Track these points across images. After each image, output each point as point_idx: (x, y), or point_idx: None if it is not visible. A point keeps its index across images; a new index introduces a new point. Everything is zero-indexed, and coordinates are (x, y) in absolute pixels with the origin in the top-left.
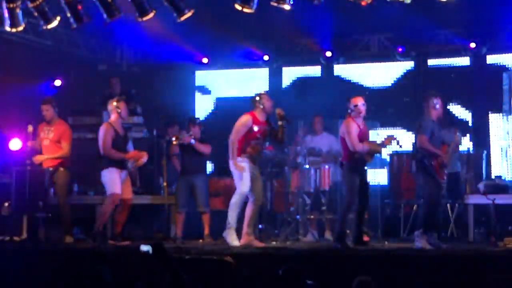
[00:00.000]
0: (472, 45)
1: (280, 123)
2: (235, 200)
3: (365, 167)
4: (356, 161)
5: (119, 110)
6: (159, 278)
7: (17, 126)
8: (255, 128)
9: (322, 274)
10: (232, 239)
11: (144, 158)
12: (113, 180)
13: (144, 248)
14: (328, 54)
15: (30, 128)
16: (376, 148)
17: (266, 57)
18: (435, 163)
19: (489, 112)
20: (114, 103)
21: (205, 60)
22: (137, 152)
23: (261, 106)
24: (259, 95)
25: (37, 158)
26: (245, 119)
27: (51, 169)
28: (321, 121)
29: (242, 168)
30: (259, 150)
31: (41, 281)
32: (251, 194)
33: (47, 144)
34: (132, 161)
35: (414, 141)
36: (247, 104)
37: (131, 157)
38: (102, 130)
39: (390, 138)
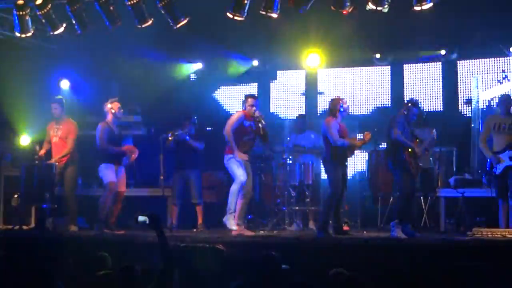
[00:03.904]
0: (442, 52)
1: (260, 125)
2: (235, 187)
3: (346, 162)
4: (338, 156)
5: (113, 111)
6: (154, 264)
7: (26, 124)
8: (246, 124)
9: (306, 261)
10: (231, 224)
11: (135, 153)
12: (108, 172)
13: (141, 218)
14: (315, 58)
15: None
16: (355, 143)
17: (255, 62)
18: (407, 155)
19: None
20: (109, 105)
21: (199, 65)
22: (131, 146)
23: (244, 108)
24: (246, 98)
25: (50, 162)
26: (237, 115)
27: (62, 165)
28: (304, 120)
29: (230, 167)
30: (251, 145)
31: (47, 267)
32: (242, 188)
33: (57, 141)
34: (127, 156)
35: (388, 136)
36: None
37: (126, 149)
38: (98, 129)
39: (368, 134)
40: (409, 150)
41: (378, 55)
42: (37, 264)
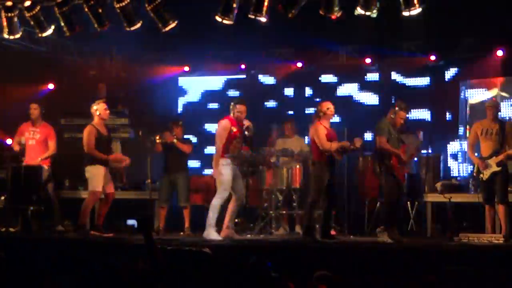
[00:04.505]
0: (432, 57)
1: (246, 133)
2: (216, 203)
3: (334, 167)
4: (326, 160)
5: (98, 113)
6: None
7: (14, 126)
8: (234, 129)
9: (292, 265)
10: (214, 235)
11: (125, 163)
12: (96, 177)
13: (130, 222)
14: (299, 64)
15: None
16: (345, 147)
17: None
18: (394, 161)
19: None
20: (94, 107)
21: (186, 68)
22: (120, 155)
23: (232, 113)
24: (234, 102)
25: (35, 162)
26: (224, 124)
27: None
28: (292, 125)
29: (220, 175)
30: (240, 147)
31: (34, 268)
32: (234, 192)
33: (33, 144)
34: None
35: (374, 143)
36: None
37: (113, 160)
38: (85, 131)
39: (358, 140)
40: (396, 156)
41: (368, 60)
42: (24, 266)
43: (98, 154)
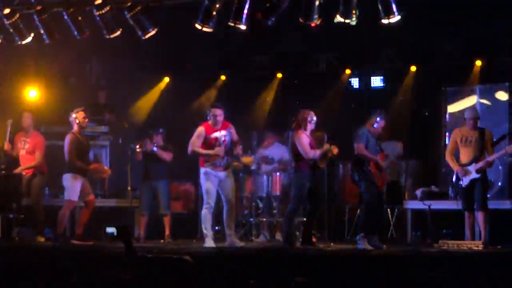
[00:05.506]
0: (413, 68)
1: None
2: (204, 213)
3: (316, 175)
4: (308, 168)
5: (77, 121)
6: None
7: None
8: (213, 135)
9: (272, 272)
10: (208, 245)
11: (106, 174)
12: (73, 186)
13: (110, 230)
14: (279, 75)
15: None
16: (326, 154)
17: (223, 77)
18: (372, 168)
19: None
20: (73, 115)
21: (166, 79)
22: (101, 166)
23: (208, 117)
24: (210, 108)
25: (15, 171)
26: (198, 131)
27: (29, 176)
28: (271, 133)
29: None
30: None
31: (14, 277)
32: (222, 196)
33: (23, 154)
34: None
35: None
36: None
37: (93, 169)
38: (67, 140)
39: (335, 148)
40: (374, 162)
41: (348, 71)
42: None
43: (79, 164)
